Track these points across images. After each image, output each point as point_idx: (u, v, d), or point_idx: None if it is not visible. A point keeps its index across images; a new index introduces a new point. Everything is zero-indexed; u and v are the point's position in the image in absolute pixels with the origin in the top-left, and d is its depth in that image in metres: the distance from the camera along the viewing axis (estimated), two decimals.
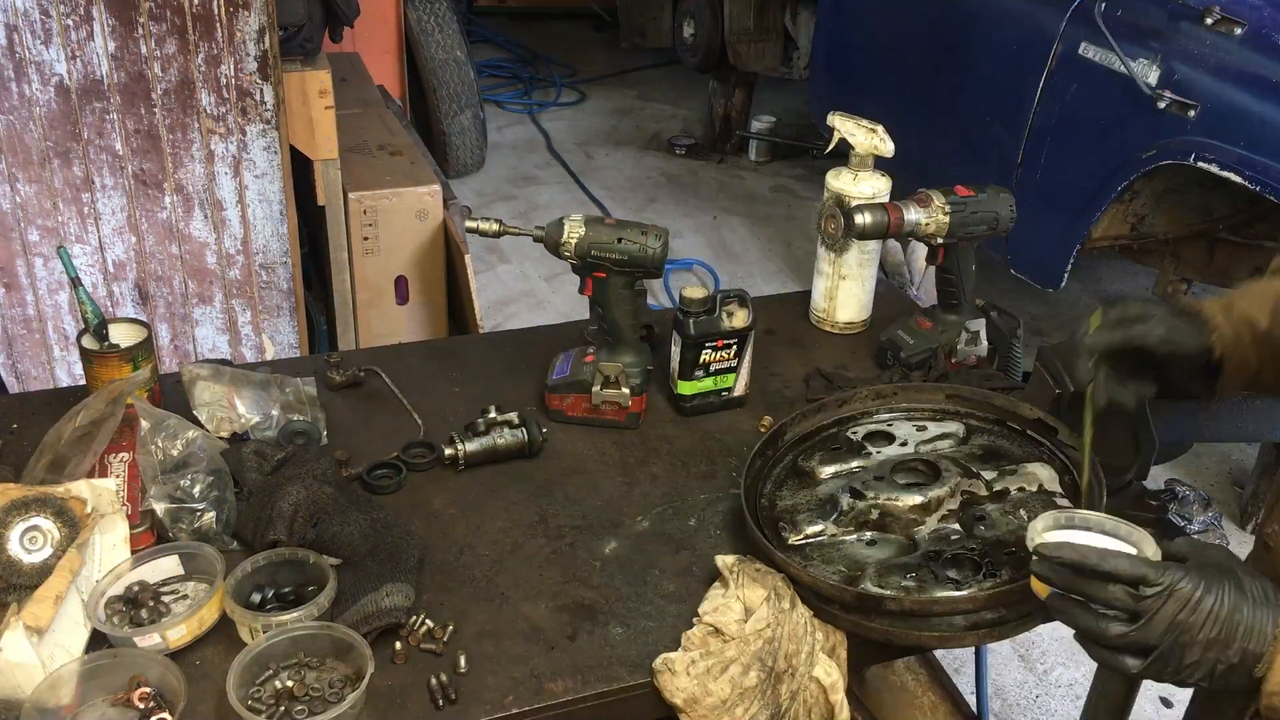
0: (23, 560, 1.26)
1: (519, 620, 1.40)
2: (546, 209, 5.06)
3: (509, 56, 6.93)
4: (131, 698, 1.21)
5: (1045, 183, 3.32)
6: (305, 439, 1.61)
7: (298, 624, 1.29)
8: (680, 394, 1.80)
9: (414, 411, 1.76)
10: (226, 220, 2.73)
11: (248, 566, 1.37)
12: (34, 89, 2.45)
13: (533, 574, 1.47)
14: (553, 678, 1.32)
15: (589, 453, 1.72)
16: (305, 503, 1.41)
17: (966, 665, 2.69)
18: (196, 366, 1.66)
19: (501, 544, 1.52)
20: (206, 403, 1.62)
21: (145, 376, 1.61)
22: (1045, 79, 3.26)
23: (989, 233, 1.85)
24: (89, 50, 2.45)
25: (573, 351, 1.82)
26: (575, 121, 6.16)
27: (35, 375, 2.76)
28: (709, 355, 1.76)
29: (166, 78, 2.53)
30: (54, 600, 1.22)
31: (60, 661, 1.22)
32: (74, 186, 2.57)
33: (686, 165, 5.68)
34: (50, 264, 2.63)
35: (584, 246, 1.69)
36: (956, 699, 2.16)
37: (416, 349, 2.26)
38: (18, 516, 1.27)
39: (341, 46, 3.66)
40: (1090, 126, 3.15)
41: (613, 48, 6.77)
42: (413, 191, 3.27)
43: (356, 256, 3.27)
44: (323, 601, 1.31)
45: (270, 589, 1.38)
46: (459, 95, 4.97)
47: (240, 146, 2.65)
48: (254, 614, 1.31)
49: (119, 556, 1.35)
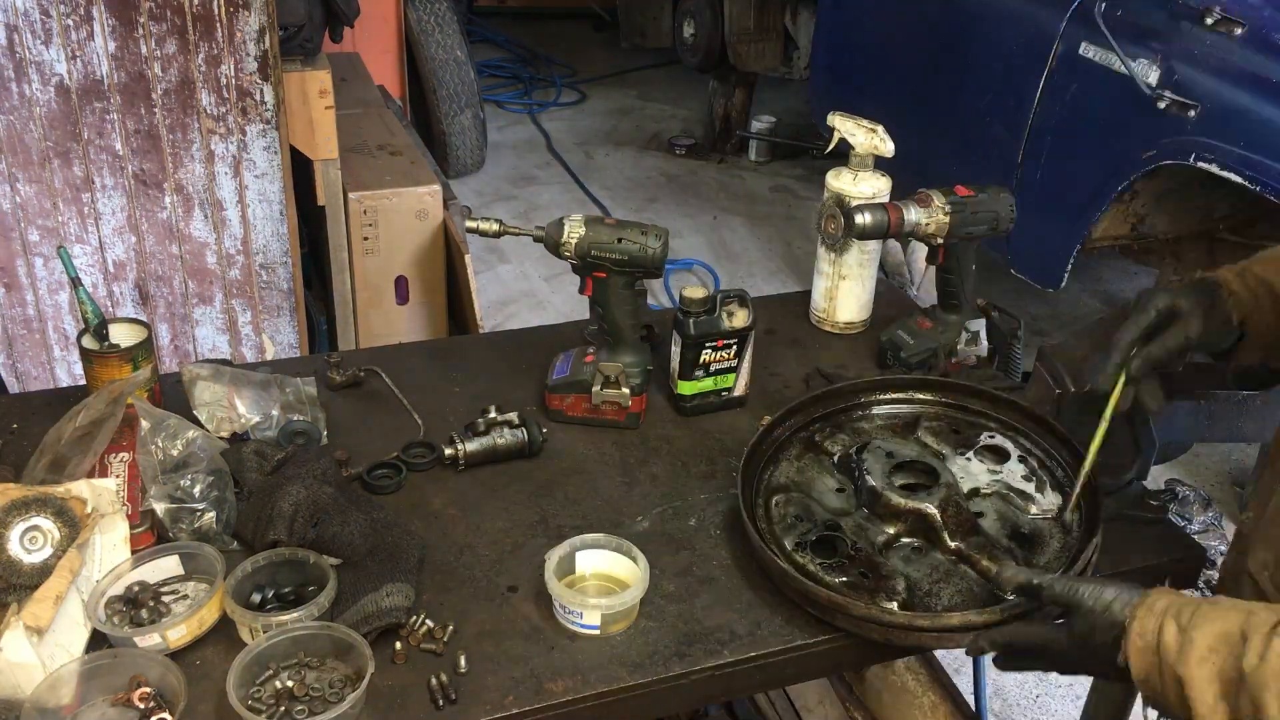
0: (23, 560, 1.26)
1: (519, 620, 1.40)
2: (547, 209, 5.06)
3: (509, 56, 6.93)
4: (132, 698, 1.21)
5: (1045, 183, 3.32)
6: (305, 439, 1.61)
7: (298, 624, 1.29)
8: (680, 394, 1.79)
9: (414, 411, 1.76)
10: (226, 220, 2.73)
11: (248, 566, 1.37)
12: (34, 89, 2.45)
13: (533, 574, 1.47)
14: (553, 678, 1.32)
15: (589, 453, 1.72)
16: (305, 503, 1.41)
17: (967, 665, 2.69)
18: (196, 366, 1.66)
19: (501, 544, 1.52)
20: (206, 403, 1.62)
21: (145, 376, 1.61)
22: (1045, 79, 3.26)
23: (989, 233, 1.85)
24: (89, 50, 2.45)
25: (572, 351, 1.82)
26: (575, 121, 6.16)
27: (35, 375, 2.76)
28: (709, 355, 1.76)
29: (166, 78, 2.53)
30: (54, 600, 1.22)
31: (60, 661, 1.22)
32: (74, 186, 2.57)
33: (686, 165, 5.68)
34: (50, 264, 2.63)
35: (584, 246, 1.69)
36: (957, 699, 2.15)
37: (417, 349, 2.26)
38: (18, 516, 1.27)
39: (341, 46, 3.66)
40: (1090, 126, 3.15)
41: (613, 48, 6.77)
42: (413, 191, 3.27)
43: (356, 256, 3.27)
44: (323, 601, 1.31)
45: (270, 589, 1.38)
46: (459, 95, 4.97)
47: (240, 146, 2.65)
48: (254, 614, 1.31)
49: (119, 556, 1.35)
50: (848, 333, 2.05)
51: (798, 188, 5.48)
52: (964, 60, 3.66)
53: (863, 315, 2.06)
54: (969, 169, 3.56)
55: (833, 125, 1.97)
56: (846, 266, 1.99)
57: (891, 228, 1.79)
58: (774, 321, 2.07)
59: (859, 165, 1.96)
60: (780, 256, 4.82)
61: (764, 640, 1.40)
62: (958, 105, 3.69)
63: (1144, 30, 2.97)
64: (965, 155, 3.68)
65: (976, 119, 3.59)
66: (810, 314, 2.09)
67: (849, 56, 4.40)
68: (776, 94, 6.15)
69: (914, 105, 3.92)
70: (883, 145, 1.93)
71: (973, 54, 3.62)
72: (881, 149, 1.94)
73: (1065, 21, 3.18)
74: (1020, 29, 3.40)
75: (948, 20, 3.74)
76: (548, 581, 1.38)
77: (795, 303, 2.14)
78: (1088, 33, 3.09)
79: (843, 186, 1.95)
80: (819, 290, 2.06)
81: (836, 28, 4.44)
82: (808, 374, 1.92)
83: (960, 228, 1.82)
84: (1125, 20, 3.01)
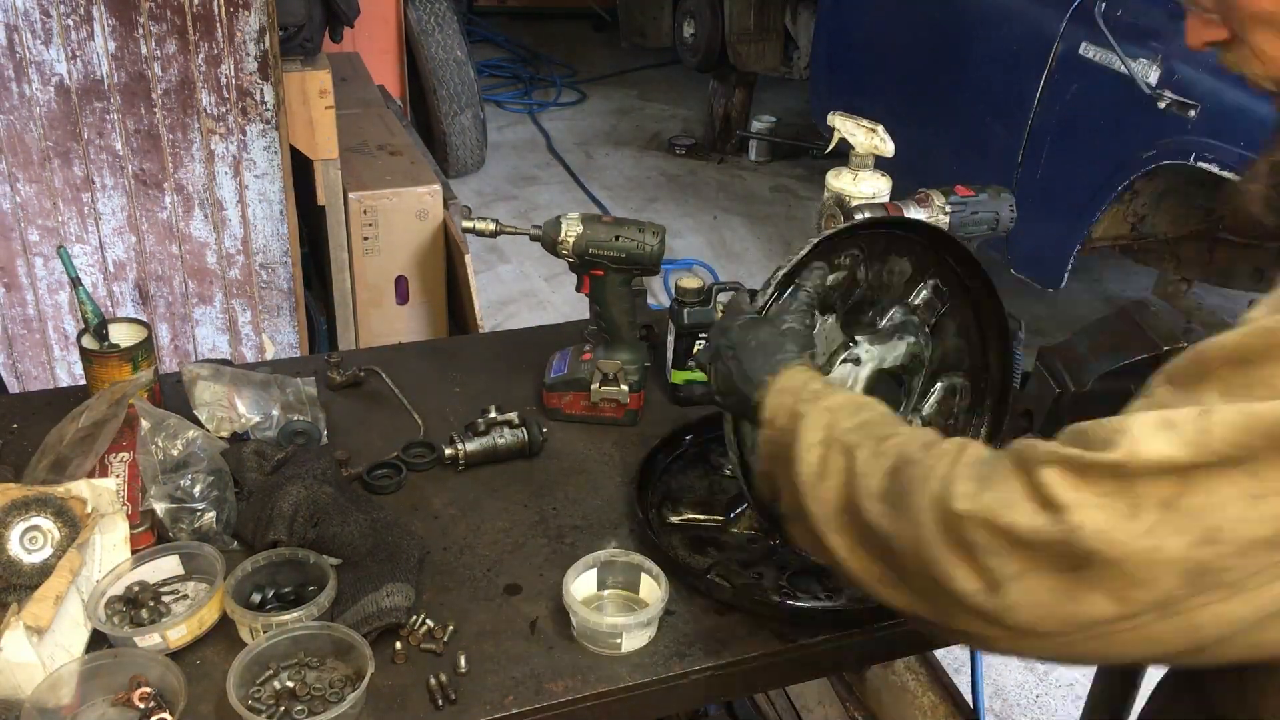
0: (23, 560, 1.26)
1: (519, 620, 1.40)
2: (547, 209, 5.06)
3: (509, 56, 6.93)
4: (132, 698, 1.21)
5: (1046, 183, 3.32)
6: (305, 439, 1.61)
7: (298, 624, 1.29)
8: (675, 383, 1.81)
9: (414, 411, 1.76)
10: (227, 220, 2.73)
11: (248, 566, 1.36)
12: (34, 89, 2.45)
13: (533, 574, 1.47)
14: (553, 678, 1.32)
15: (589, 452, 1.72)
16: (305, 503, 1.41)
17: (967, 665, 2.69)
18: (196, 366, 1.66)
19: (501, 544, 1.52)
20: (206, 402, 1.62)
21: (148, 378, 1.60)
22: (1045, 79, 3.26)
23: (989, 233, 1.85)
24: (89, 50, 2.45)
25: (569, 350, 1.82)
26: (575, 121, 6.16)
27: (35, 375, 2.76)
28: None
29: (167, 78, 2.53)
30: (54, 600, 1.22)
31: (60, 661, 1.22)
32: (74, 186, 2.57)
33: (686, 165, 5.68)
34: (50, 264, 2.63)
35: (581, 245, 1.68)
36: (957, 699, 2.16)
37: (417, 349, 2.26)
38: (18, 516, 1.27)
39: (341, 46, 3.66)
40: (1090, 126, 3.15)
41: (613, 47, 6.78)
42: (413, 191, 3.27)
43: (357, 256, 3.27)
44: (323, 601, 1.31)
45: (270, 589, 1.38)
46: (459, 95, 4.97)
47: (240, 146, 2.65)
48: (254, 614, 1.31)
49: (119, 556, 1.35)
50: None
51: (798, 188, 5.48)
52: (964, 60, 3.66)
53: None
54: (969, 169, 3.57)
55: (833, 125, 1.97)
56: None
57: None
58: None
59: (859, 165, 1.95)
60: (780, 256, 4.80)
61: (764, 640, 1.40)
62: (958, 105, 3.69)
63: (1144, 30, 2.97)
64: (966, 155, 3.68)
65: (977, 119, 3.60)
66: None
67: (849, 56, 4.40)
68: (776, 94, 6.15)
69: (914, 105, 3.92)
70: (883, 145, 1.93)
71: (973, 54, 3.62)
72: (882, 149, 1.93)
73: (1065, 21, 3.18)
74: (1020, 29, 3.40)
75: (948, 20, 3.74)
76: (573, 608, 1.34)
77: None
78: (1088, 32, 3.09)
79: (843, 186, 1.95)
80: None
81: (836, 27, 4.44)
82: None
83: (960, 227, 1.81)
84: (1125, 20, 3.01)
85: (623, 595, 1.44)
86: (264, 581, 1.38)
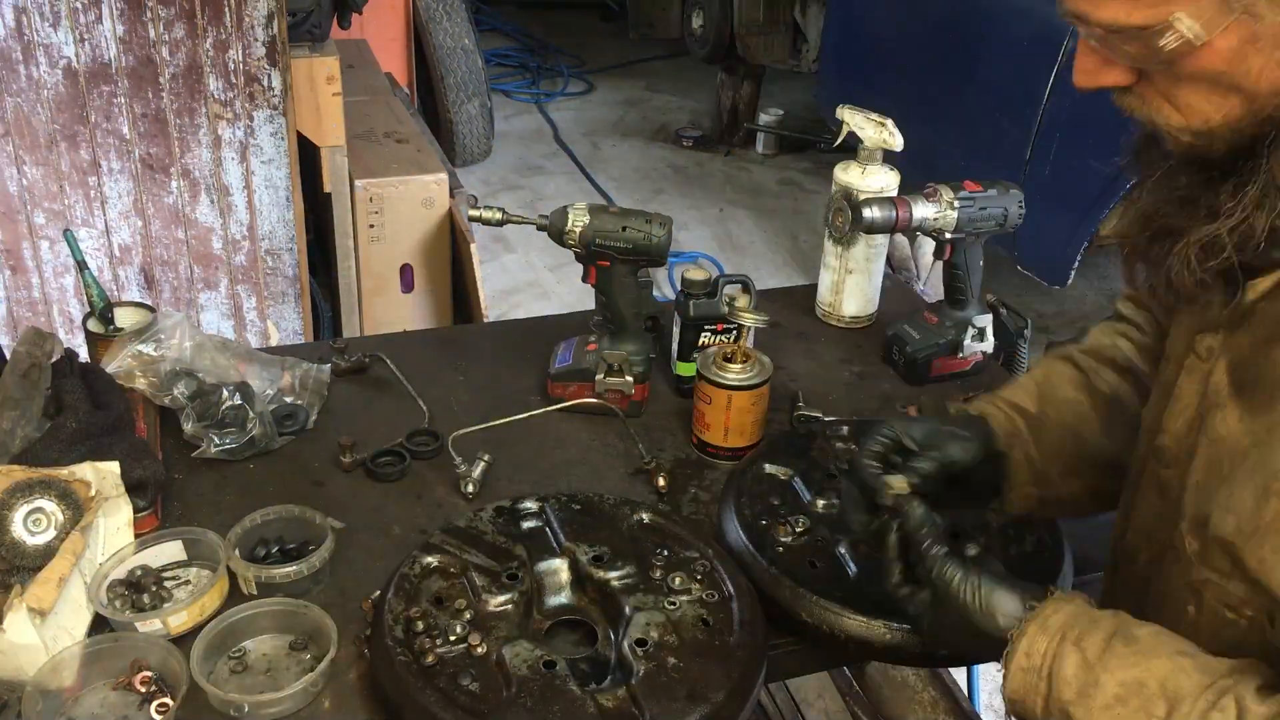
0: (26, 542, 1.27)
1: None
2: (553, 199, 5.06)
3: (517, 46, 6.92)
4: (133, 682, 1.21)
5: (1054, 179, 3.31)
6: (292, 421, 1.63)
7: (285, 580, 1.32)
8: (680, 375, 1.80)
9: (419, 399, 1.75)
10: (233, 206, 2.73)
11: (257, 518, 1.40)
12: (42, 71, 2.45)
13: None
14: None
15: (593, 442, 1.71)
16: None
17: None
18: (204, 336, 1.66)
19: None
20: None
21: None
22: (1055, 74, 3.25)
23: (997, 229, 1.84)
24: (97, 33, 2.45)
25: (574, 340, 1.81)
26: (582, 112, 6.15)
27: None
28: (709, 339, 1.76)
29: (174, 62, 2.53)
30: (57, 582, 1.23)
31: (63, 644, 1.22)
32: (81, 170, 2.57)
33: (693, 157, 5.67)
34: (56, 247, 2.63)
35: (588, 235, 1.68)
36: (957, 695, 2.16)
37: (421, 337, 2.26)
38: (21, 499, 1.28)
39: (350, 33, 3.66)
40: (1100, 123, 3.13)
41: (621, 38, 6.77)
42: (419, 180, 3.27)
43: (362, 244, 3.27)
44: (314, 562, 1.33)
45: (275, 545, 1.40)
46: (466, 84, 4.96)
47: (247, 132, 2.65)
48: (254, 566, 1.33)
49: (122, 540, 1.35)
50: (853, 327, 2.05)
51: (805, 181, 5.47)
52: (973, 55, 3.64)
53: (868, 310, 2.05)
54: (978, 164, 3.56)
55: (841, 118, 1.96)
56: (853, 260, 1.99)
57: (899, 222, 1.78)
58: (779, 315, 2.06)
59: (867, 159, 1.95)
60: (786, 250, 4.81)
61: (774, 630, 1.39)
62: (967, 100, 3.68)
63: None
64: (974, 150, 3.67)
65: (986, 114, 3.58)
66: (816, 308, 2.09)
67: (858, 50, 4.39)
68: (784, 87, 6.14)
69: (923, 99, 3.91)
70: (891, 139, 1.93)
71: (982, 49, 3.61)
72: (890, 143, 1.93)
73: None
74: (1030, 24, 3.39)
75: (957, 14, 3.73)
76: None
77: (801, 296, 2.14)
78: None
79: (851, 180, 1.95)
80: (825, 284, 2.05)
81: (846, 21, 4.43)
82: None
83: (968, 223, 1.81)
84: None
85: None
86: (269, 536, 1.41)
